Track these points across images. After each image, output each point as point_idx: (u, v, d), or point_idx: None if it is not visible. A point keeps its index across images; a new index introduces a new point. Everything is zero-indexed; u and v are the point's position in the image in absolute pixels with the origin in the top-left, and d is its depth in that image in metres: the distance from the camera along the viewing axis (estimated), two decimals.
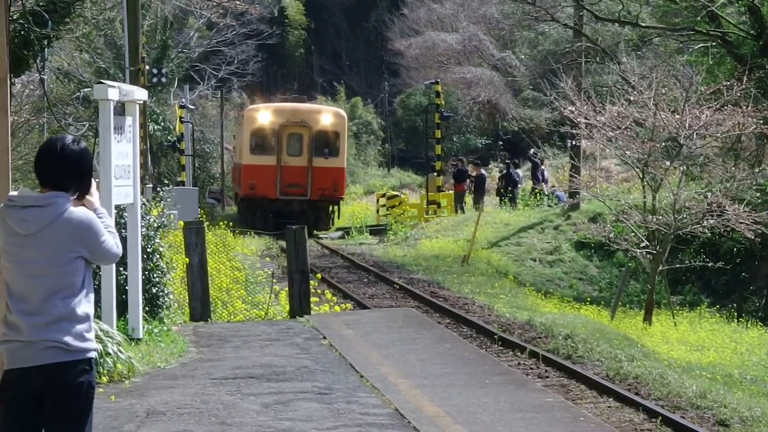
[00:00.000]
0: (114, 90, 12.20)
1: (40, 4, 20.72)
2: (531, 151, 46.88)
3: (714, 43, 32.52)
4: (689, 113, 23.46)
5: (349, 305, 20.58)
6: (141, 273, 13.44)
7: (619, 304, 24.72)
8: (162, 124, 48.29)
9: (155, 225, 14.95)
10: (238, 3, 46.17)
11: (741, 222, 22.93)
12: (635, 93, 24.62)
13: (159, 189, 19.94)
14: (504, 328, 17.77)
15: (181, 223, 18.00)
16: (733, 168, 25.11)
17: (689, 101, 23.85)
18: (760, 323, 24.40)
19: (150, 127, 38.60)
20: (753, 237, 23.63)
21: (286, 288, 18.86)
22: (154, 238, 14.75)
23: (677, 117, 23.60)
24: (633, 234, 24.56)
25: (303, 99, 46.43)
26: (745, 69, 26.09)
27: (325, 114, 39.95)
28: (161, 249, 15.05)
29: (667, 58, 35.03)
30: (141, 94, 13.57)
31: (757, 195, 26.55)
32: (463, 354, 13.71)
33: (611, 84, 32.31)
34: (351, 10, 79.74)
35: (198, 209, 31.99)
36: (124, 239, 12.59)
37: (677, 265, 26.25)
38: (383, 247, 33.38)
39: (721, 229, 24.12)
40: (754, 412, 12.40)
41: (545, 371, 14.31)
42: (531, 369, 14.42)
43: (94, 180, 5.84)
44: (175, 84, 54.06)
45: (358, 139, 64.77)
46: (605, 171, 47.93)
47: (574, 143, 32.62)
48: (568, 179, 34.09)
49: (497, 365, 13.30)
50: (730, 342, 21.67)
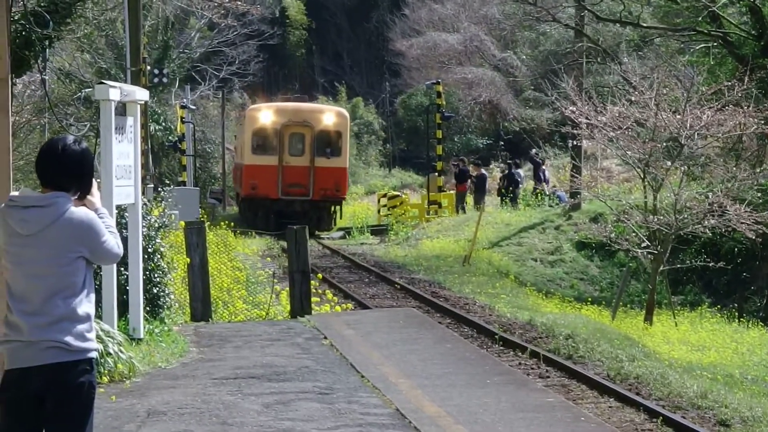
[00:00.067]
0: (115, 90, 12.21)
1: (41, 4, 20.72)
2: (533, 151, 46.87)
3: (715, 44, 32.51)
4: (690, 113, 23.46)
5: (350, 305, 20.59)
6: (142, 273, 13.45)
7: (620, 304, 24.72)
8: (163, 124, 48.28)
9: (156, 225, 14.96)
10: (239, 3, 46.25)
11: (742, 222, 22.93)
12: (636, 93, 24.62)
13: (160, 189, 19.95)
14: (505, 328, 17.78)
15: (182, 224, 18.00)
16: (735, 168, 25.09)
17: (690, 101, 23.85)
18: (761, 323, 24.39)
19: (151, 128, 38.60)
20: (754, 237, 23.62)
21: (287, 288, 18.87)
22: (155, 238, 14.76)
23: (678, 117, 23.60)
24: (634, 234, 24.55)
25: (305, 98, 45.93)
26: (747, 69, 26.09)
27: (328, 114, 39.71)
28: (162, 249, 15.06)
29: (669, 58, 35.02)
30: (142, 94, 13.58)
31: (758, 195, 26.53)
32: (464, 354, 13.72)
33: (612, 84, 32.28)
34: (352, 10, 79.74)
35: (199, 209, 31.98)
36: (125, 239, 12.60)
37: (678, 265, 26.24)
38: (384, 247, 33.37)
39: (723, 229, 24.11)
40: (755, 412, 12.40)
41: (546, 371, 14.32)
42: (532, 369, 14.42)
43: (95, 180, 5.84)
44: (177, 84, 54.07)
45: (359, 140, 64.76)
46: (606, 171, 47.91)
47: (575, 143, 32.63)
48: (569, 179, 34.10)
49: (498, 365, 13.31)
50: (731, 342, 21.66)
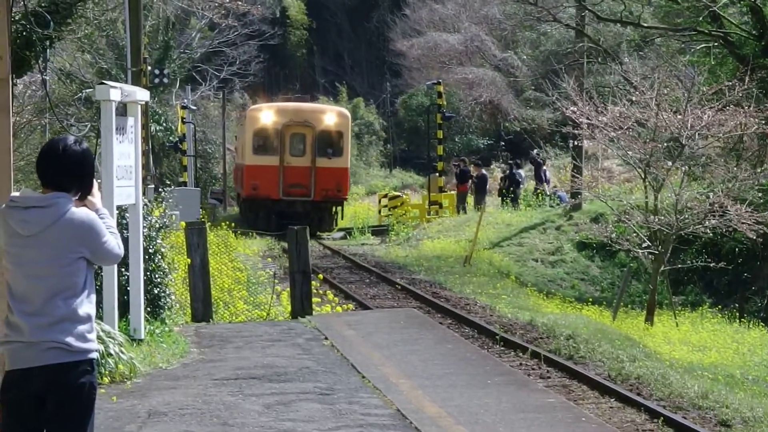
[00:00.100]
0: (116, 91, 12.21)
1: (42, 5, 20.72)
2: (534, 152, 46.89)
3: (716, 44, 32.50)
4: (691, 113, 23.45)
5: (351, 306, 20.58)
6: (143, 274, 13.46)
7: (621, 304, 24.72)
8: (164, 124, 48.28)
9: (157, 225, 14.96)
10: (240, 3, 46.25)
11: (743, 222, 22.94)
12: (637, 93, 24.61)
13: (161, 190, 19.95)
14: (506, 328, 17.77)
15: (183, 224, 18.00)
16: (735, 168, 25.09)
17: (691, 101, 23.84)
18: (762, 323, 24.38)
19: (152, 128, 38.60)
20: (755, 237, 23.63)
21: (287, 289, 18.88)
22: (155, 238, 14.76)
23: (679, 117, 23.60)
24: (635, 234, 24.55)
25: (306, 99, 45.64)
26: (747, 69, 26.08)
27: (329, 114, 39.50)
28: (163, 250, 15.06)
29: (669, 58, 34.99)
30: (143, 94, 13.58)
31: (759, 195, 26.53)
32: (465, 354, 13.72)
33: (613, 84, 32.26)
34: (353, 10, 79.75)
35: (200, 210, 31.98)
36: (125, 240, 12.60)
37: (679, 266, 26.24)
38: (385, 248, 33.37)
39: (723, 230, 24.11)
40: (755, 412, 12.39)
41: (547, 372, 14.31)
42: (533, 369, 14.42)
43: (95, 181, 5.84)
44: (177, 85, 54.08)
45: (360, 140, 64.75)
46: (607, 171, 47.88)
47: (576, 143, 32.61)
48: (570, 179, 34.09)
49: (499, 366, 13.31)
50: (732, 342, 21.66)
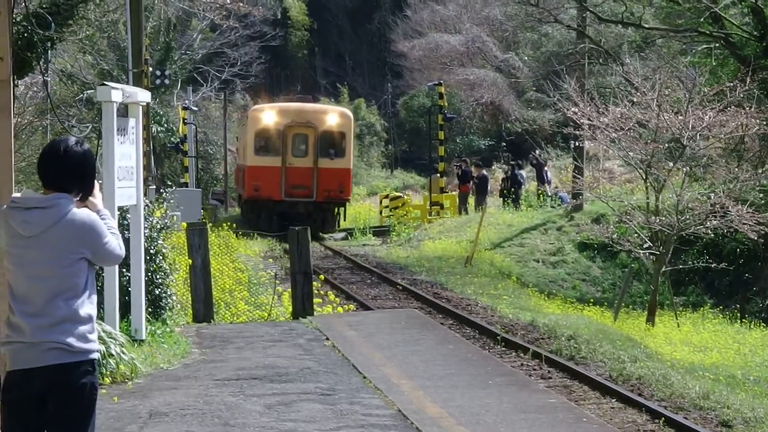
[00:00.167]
0: (117, 92, 12.21)
1: (43, 6, 20.74)
2: (536, 152, 46.91)
3: (717, 45, 32.50)
4: (692, 114, 23.45)
5: (352, 306, 20.59)
6: (144, 274, 13.46)
7: (622, 305, 24.72)
8: (165, 125, 48.31)
9: (158, 226, 14.97)
10: (241, 5, 46.24)
11: (744, 223, 22.94)
12: (638, 94, 24.62)
13: (162, 190, 19.95)
14: (507, 329, 17.77)
15: (184, 225, 18.00)
16: (737, 169, 25.09)
17: (692, 102, 23.84)
18: (763, 324, 24.38)
19: (153, 129, 38.63)
20: (756, 238, 23.63)
21: (289, 289, 18.88)
22: (157, 239, 14.77)
23: (680, 118, 23.60)
24: (636, 235, 24.55)
25: (308, 99, 44.88)
26: (749, 70, 26.05)
27: (331, 114, 39.15)
28: (164, 250, 15.07)
29: (670, 59, 34.99)
30: (144, 95, 13.59)
31: (761, 196, 26.51)
32: (466, 355, 13.72)
33: (614, 85, 32.25)
34: (354, 11, 79.76)
35: (201, 211, 31.99)
36: (127, 241, 12.60)
37: (680, 266, 26.24)
38: (386, 249, 33.37)
39: (725, 230, 24.11)
40: (757, 413, 12.39)
41: (548, 372, 14.31)
42: (534, 370, 14.42)
43: (97, 181, 5.84)
44: (179, 86, 54.13)
45: (361, 141, 64.76)
46: (608, 172, 47.89)
47: (577, 144, 32.62)
48: (571, 180, 34.10)
49: (500, 366, 13.31)
50: (733, 343, 21.66)
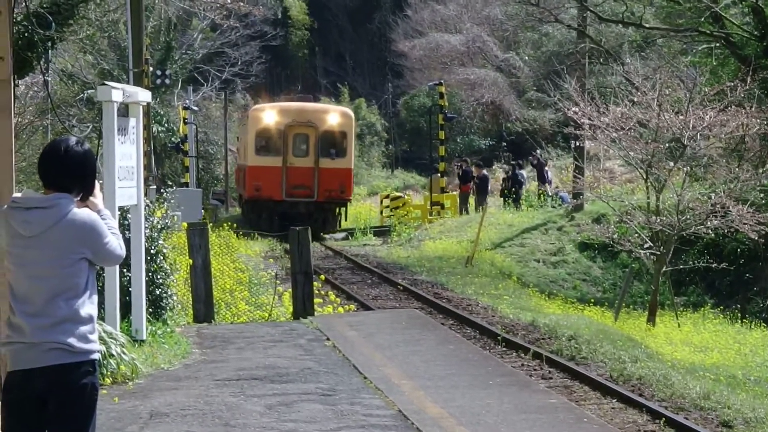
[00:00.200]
0: (118, 91, 12.21)
1: (44, 6, 20.75)
2: (537, 152, 46.94)
3: (718, 44, 32.50)
4: (693, 114, 23.45)
5: (353, 306, 20.59)
6: (144, 274, 13.46)
7: (623, 305, 24.71)
8: (166, 125, 48.32)
9: (159, 226, 14.96)
10: (241, 4, 46.24)
11: (745, 223, 22.94)
12: (639, 94, 24.61)
13: (163, 190, 19.95)
14: (508, 329, 17.77)
15: (185, 225, 18.00)
16: (737, 169, 25.08)
17: (693, 102, 23.83)
18: (763, 324, 24.37)
19: (154, 129, 38.62)
20: (757, 238, 23.63)
21: (289, 289, 18.87)
22: (157, 239, 14.76)
23: (681, 118, 23.60)
24: (637, 235, 24.55)
25: (309, 98, 44.49)
26: (749, 70, 26.05)
27: (332, 114, 38.95)
28: (165, 250, 15.06)
29: (671, 59, 34.99)
30: (145, 95, 13.59)
31: (761, 196, 26.51)
32: (467, 355, 13.71)
33: (615, 85, 32.25)
34: (354, 11, 79.77)
35: (202, 211, 31.98)
36: (127, 241, 12.60)
37: (681, 266, 26.23)
38: (387, 249, 33.37)
39: (725, 230, 24.11)
40: (757, 413, 12.38)
41: (549, 372, 14.31)
42: (534, 370, 14.41)
43: (97, 181, 5.84)
44: (179, 85, 54.14)
45: (361, 141, 64.77)
46: (609, 172, 47.92)
47: (577, 144, 32.66)
48: (571, 180, 34.10)
49: (501, 366, 13.31)
50: (733, 343, 21.65)
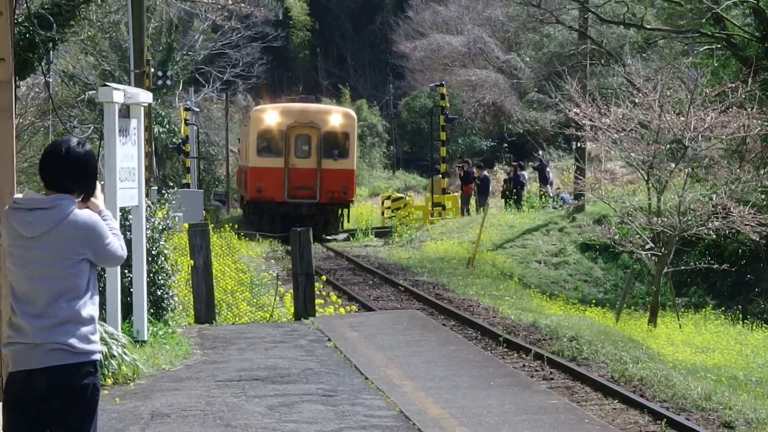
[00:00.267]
0: (119, 93, 12.21)
1: (45, 7, 20.77)
2: (540, 153, 46.96)
3: (719, 45, 32.51)
4: (694, 115, 23.45)
5: (354, 307, 20.59)
6: (146, 275, 13.46)
7: (624, 306, 24.71)
8: (167, 126, 48.33)
9: (160, 227, 14.96)
10: (242, 6, 46.24)
11: (746, 224, 22.94)
12: (640, 95, 24.62)
13: (164, 191, 19.95)
14: (509, 330, 17.77)
15: (186, 226, 18.00)
16: (738, 170, 25.08)
17: (694, 103, 23.84)
18: (765, 325, 24.37)
19: (155, 130, 38.65)
20: (758, 239, 23.63)
21: (291, 290, 18.87)
22: (159, 240, 14.76)
23: (682, 119, 23.60)
24: (638, 236, 24.55)
25: (311, 99, 44.19)
26: (750, 71, 26.05)
27: (335, 114, 38.74)
28: (166, 251, 15.07)
29: (672, 60, 35.02)
30: (146, 96, 13.59)
31: (762, 197, 26.51)
32: (468, 356, 13.71)
33: (616, 86, 32.31)
34: (355, 12, 79.77)
35: (203, 212, 31.97)
36: (129, 241, 12.59)
37: (682, 267, 26.23)
38: (388, 249, 33.37)
39: (726, 231, 24.11)
40: (759, 414, 12.38)
41: (550, 373, 14.30)
42: (536, 371, 14.41)
43: (98, 182, 5.84)
44: (180, 86, 54.19)
45: (363, 142, 64.76)
46: (610, 173, 47.92)
47: (579, 145, 32.67)
48: (573, 181, 34.11)
49: (502, 367, 13.31)
50: (735, 344, 21.65)
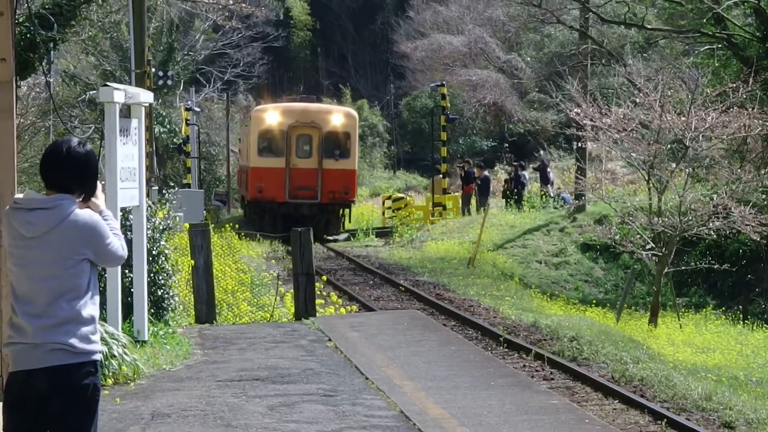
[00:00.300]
0: (120, 93, 12.22)
1: (46, 6, 20.76)
2: (541, 153, 46.95)
3: (720, 45, 32.51)
4: (695, 115, 23.46)
5: (355, 307, 20.60)
6: (146, 275, 13.46)
7: (625, 306, 24.71)
8: (168, 126, 48.33)
9: (161, 227, 14.97)
10: (243, 6, 46.25)
11: (747, 224, 22.95)
12: (641, 95, 24.62)
13: (165, 191, 19.96)
14: (509, 330, 17.77)
15: (187, 226, 18.01)
16: (739, 170, 25.10)
17: (695, 103, 23.85)
18: (765, 325, 24.37)
19: (156, 130, 38.66)
20: (759, 239, 23.64)
21: (291, 290, 18.88)
22: (159, 240, 14.76)
23: (683, 119, 23.61)
24: (639, 236, 24.55)
25: (311, 99, 43.82)
26: (751, 71, 26.06)
27: (336, 114, 38.56)
28: (167, 251, 15.07)
29: (673, 60, 35.02)
30: (147, 96, 13.60)
31: (763, 197, 26.52)
32: (469, 356, 13.71)
33: (617, 86, 32.32)
34: (356, 12, 79.76)
35: (204, 212, 31.97)
36: (129, 241, 12.59)
37: (683, 267, 26.23)
38: (389, 250, 33.36)
39: (727, 231, 24.11)
40: (759, 414, 12.39)
41: (550, 373, 14.31)
42: (536, 371, 14.42)
43: (99, 182, 5.84)
44: (181, 86, 54.19)
45: (363, 142, 64.73)
46: (611, 173, 47.89)
47: (580, 145, 32.66)
48: (573, 181, 34.11)
49: (502, 367, 13.31)
50: (735, 344, 21.65)
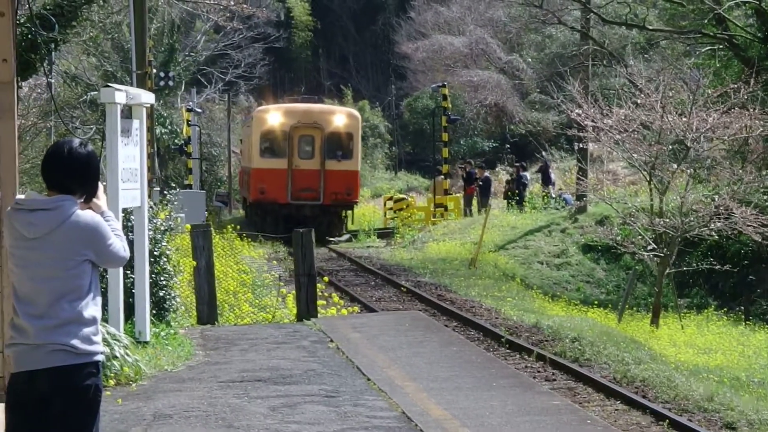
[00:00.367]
0: (121, 93, 12.22)
1: (47, 7, 20.76)
2: (543, 154, 47.01)
3: (721, 46, 32.50)
4: (696, 116, 23.45)
5: (356, 308, 20.59)
6: (148, 276, 13.45)
7: (627, 307, 24.70)
8: (169, 127, 48.32)
9: (162, 228, 14.97)
10: (244, 6, 46.23)
11: (748, 225, 22.94)
12: (642, 96, 24.62)
13: (166, 192, 19.96)
14: (511, 331, 17.77)
15: (188, 227, 18.00)
16: (741, 171, 25.09)
17: (696, 104, 23.84)
18: (767, 326, 24.36)
19: (157, 131, 38.66)
20: (760, 240, 23.61)
21: (293, 291, 18.88)
22: (161, 241, 14.76)
23: (684, 120, 23.60)
24: (640, 237, 24.54)
25: (313, 99, 43.53)
26: (753, 72, 26.05)
27: (338, 115, 38.42)
28: (168, 252, 15.06)
29: (674, 60, 35.00)
30: (148, 97, 13.60)
31: (765, 198, 26.51)
32: (470, 357, 13.71)
33: (618, 87, 32.27)
34: (358, 13, 79.80)
35: (205, 212, 31.96)
36: (131, 242, 12.60)
37: (684, 268, 26.23)
38: (390, 250, 33.36)
39: (729, 232, 24.11)
40: (761, 415, 12.38)
41: (552, 374, 14.31)
42: (538, 372, 14.42)
43: (101, 183, 5.84)
44: (182, 87, 54.19)
45: (365, 142, 64.68)
46: (612, 174, 47.74)
47: (581, 146, 32.62)
48: (575, 182, 34.10)
49: (504, 368, 13.30)
50: (737, 345, 21.65)
